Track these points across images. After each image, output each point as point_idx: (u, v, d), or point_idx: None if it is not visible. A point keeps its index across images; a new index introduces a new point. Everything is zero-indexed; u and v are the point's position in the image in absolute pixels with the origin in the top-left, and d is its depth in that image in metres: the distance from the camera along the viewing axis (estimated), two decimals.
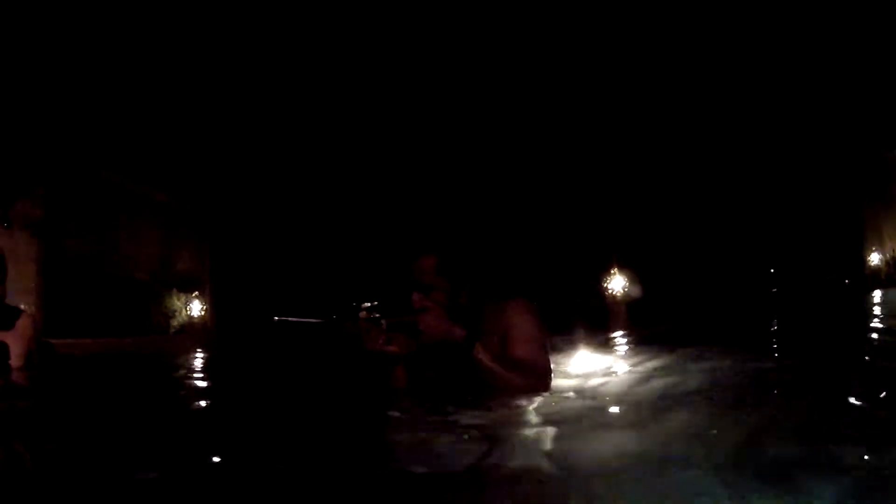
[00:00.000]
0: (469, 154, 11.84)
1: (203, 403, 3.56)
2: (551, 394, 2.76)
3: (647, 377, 3.26)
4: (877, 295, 10.09)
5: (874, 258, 12.14)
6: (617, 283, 10.42)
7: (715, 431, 1.98)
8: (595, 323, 7.95)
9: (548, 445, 1.99)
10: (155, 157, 10.34)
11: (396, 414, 2.56)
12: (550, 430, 2.13)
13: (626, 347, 5.30)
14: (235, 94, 10.51)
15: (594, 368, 3.73)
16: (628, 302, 10.24)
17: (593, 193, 12.01)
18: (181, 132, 10.44)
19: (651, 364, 3.77)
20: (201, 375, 5.22)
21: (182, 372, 5.55)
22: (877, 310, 7.99)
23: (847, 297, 11.47)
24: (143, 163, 10.28)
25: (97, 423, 2.60)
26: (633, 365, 3.90)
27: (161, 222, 11.12)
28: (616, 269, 10.47)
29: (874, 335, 4.88)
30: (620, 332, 6.75)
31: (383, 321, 2.93)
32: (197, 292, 10.90)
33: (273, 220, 11.95)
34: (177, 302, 10.51)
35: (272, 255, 11.81)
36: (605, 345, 5.36)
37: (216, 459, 1.97)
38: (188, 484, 1.62)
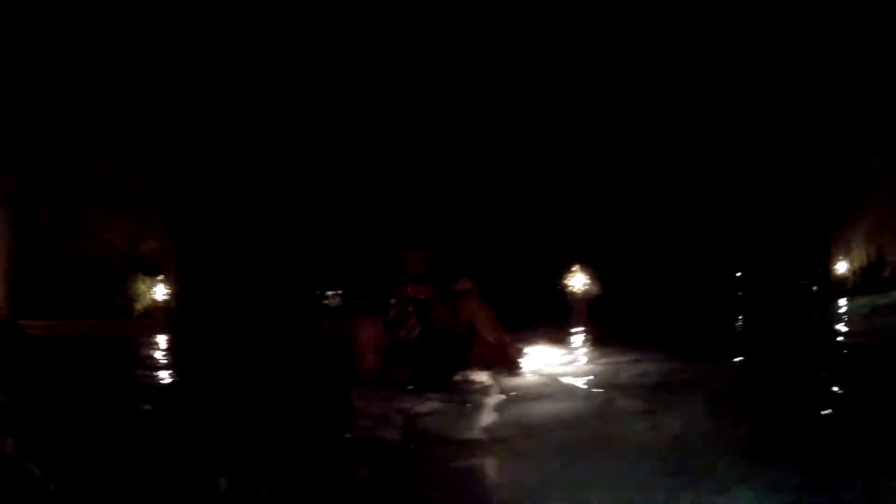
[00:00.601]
0: (446, 152, 11.85)
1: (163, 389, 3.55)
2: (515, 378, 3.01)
3: (598, 371, 3.35)
4: (842, 303, 10.25)
5: (841, 267, 12.31)
6: (578, 281, 10.52)
7: (645, 425, 2.02)
8: (556, 318, 8.04)
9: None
10: (125, 138, 10.22)
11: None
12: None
13: (583, 343, 5.38)
14: (209, 77, 10.41)
15: (551, 361, 3.80)
16: (588, 299, 10.37)
17: (559, 191, 12.08)
18: (153, 115, 10.33)
19: (603, 360, 3.84)
20: (164, 361, 5.19)
21: (144, 356, 5.52)
22: (842, 317, 8.15)
23: (813, 304, 11.65)
24: (113, 144, 10.15)
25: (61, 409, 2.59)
26: (586, 360, 3.98)
27: (129, 205, 11.00)
28: (577, 266, 10.57)
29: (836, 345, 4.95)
30: (579, 328, 6.83)
31: (411, 309, 3.00)
32: (162, 276, 10.81)
33: (243, 206, 11.87)
34: (142, 286, 10.43)
35: (240, 241, 11.73)
36: (564, 340, 5.44)
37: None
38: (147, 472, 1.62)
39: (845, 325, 6.91)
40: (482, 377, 3.00)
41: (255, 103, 10.99)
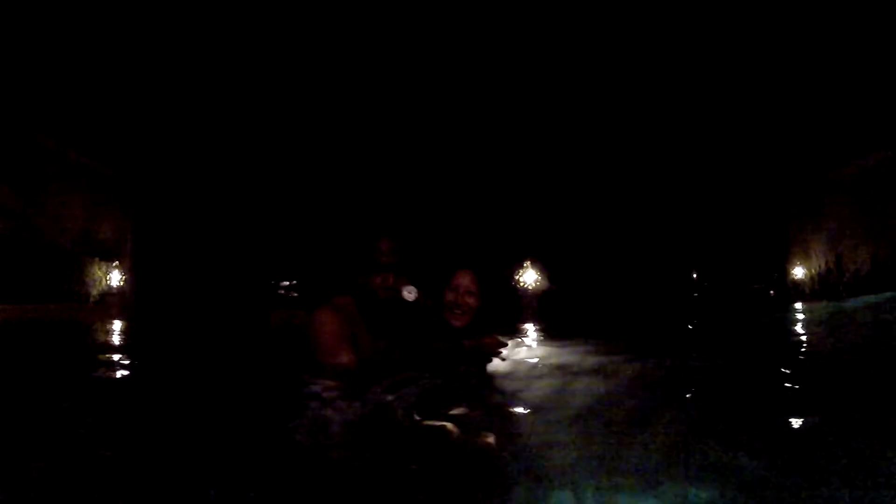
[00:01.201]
0: (406, 147, 11.80)
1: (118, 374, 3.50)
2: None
3: (537, 364, 3.40)
4: (798, 307, 10.43)
5: (798, 272, 12.50)
6: (529, 276, 10.58)
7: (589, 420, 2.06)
8: (509, 312, 8.08)
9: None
10: (85, 122, 10.05)
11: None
12: None
13: (532, 337, 5.41)
14: (171, 61, 10.25)
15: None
16: (538, 294, 10.44)
17: (513, 186, 12.11)
18: (112, 100, 10.17)
19: (550, 354, 3.88)
20: (119, 346, 5.12)
21: (100, 342, 5.45)
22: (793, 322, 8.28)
23: (768, 307, 11.83)
24: (71, 127, 9.97)
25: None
26: (532, 353, 4.01)
27: (87, 189, 10.80)
28: (529, 262, 10.63)
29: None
30: (529, 323, 6.87)
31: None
32: (117, 262, 10.65)
33: (200, 193, 11.73)
34: (98, 271, 10.26)
35: (196, 228, 11.60)
36: (514, 333, 5.48)
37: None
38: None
39: (794, 330, 7.02)
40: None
41: (216, 90, 10.85)
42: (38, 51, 9.06)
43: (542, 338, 5.44)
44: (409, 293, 2.94)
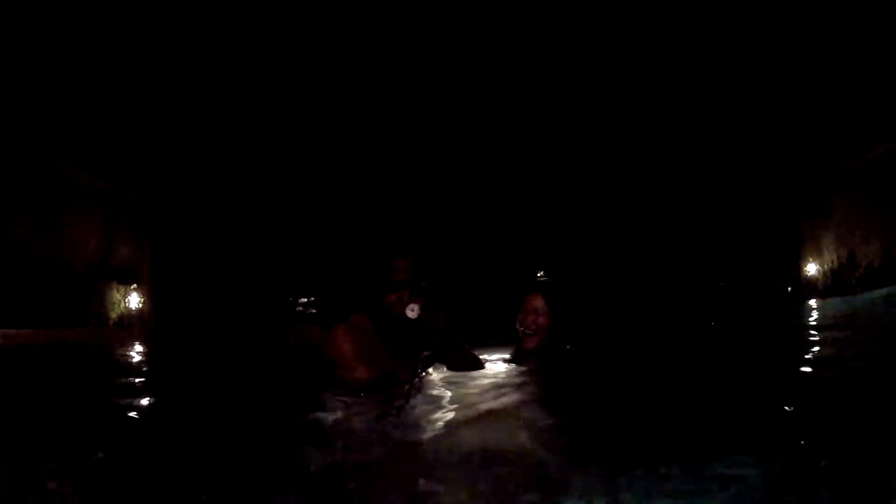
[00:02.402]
0: (414, 164, 11.83)
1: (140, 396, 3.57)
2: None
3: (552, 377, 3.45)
4: (813, 303, 10.46)
5: (811, 268, 12.46)
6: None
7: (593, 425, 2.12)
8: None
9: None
10: (97, 144, 10.15)
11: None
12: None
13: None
14: (186, 84, 10.35)
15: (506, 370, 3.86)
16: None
17: (524, 203, 12.12)
18: (125, 120, 10.27)
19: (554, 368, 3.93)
20: (141, 369, 5.20)
21: (122, 364, 5.53)
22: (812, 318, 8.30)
23: (787, 304, 11.82)
24: (84, 149, 10.08)
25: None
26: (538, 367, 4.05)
27: (102, 212, 10.91)
28: (542, 272, 10.62)
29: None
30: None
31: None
32: (135, 284, 10.75)
33: (216, 213, 11.80)
34: (116, 294, 10.37)
35: (214, 248, 11.68)
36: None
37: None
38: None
39: (814, 325, 7.03)
40: None
41: (233, 113, 10.93)
42: (52, 74, 9.17)
43: None
44: (412, 311, 3.06)
